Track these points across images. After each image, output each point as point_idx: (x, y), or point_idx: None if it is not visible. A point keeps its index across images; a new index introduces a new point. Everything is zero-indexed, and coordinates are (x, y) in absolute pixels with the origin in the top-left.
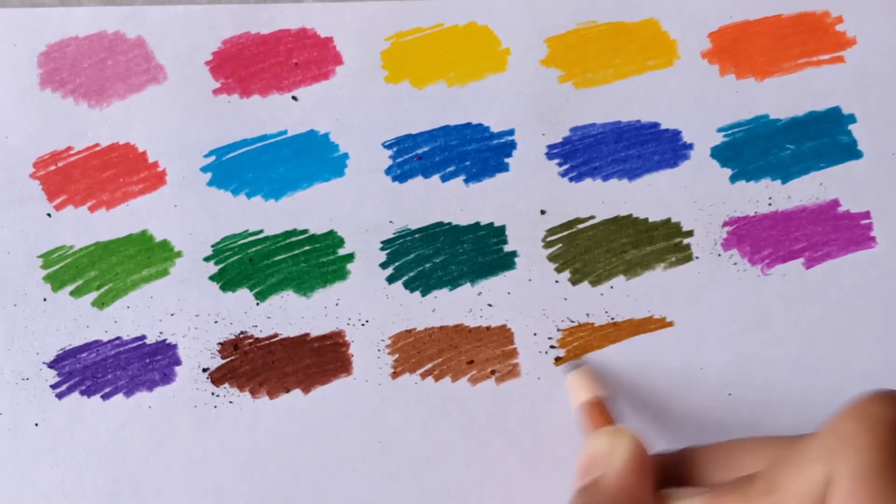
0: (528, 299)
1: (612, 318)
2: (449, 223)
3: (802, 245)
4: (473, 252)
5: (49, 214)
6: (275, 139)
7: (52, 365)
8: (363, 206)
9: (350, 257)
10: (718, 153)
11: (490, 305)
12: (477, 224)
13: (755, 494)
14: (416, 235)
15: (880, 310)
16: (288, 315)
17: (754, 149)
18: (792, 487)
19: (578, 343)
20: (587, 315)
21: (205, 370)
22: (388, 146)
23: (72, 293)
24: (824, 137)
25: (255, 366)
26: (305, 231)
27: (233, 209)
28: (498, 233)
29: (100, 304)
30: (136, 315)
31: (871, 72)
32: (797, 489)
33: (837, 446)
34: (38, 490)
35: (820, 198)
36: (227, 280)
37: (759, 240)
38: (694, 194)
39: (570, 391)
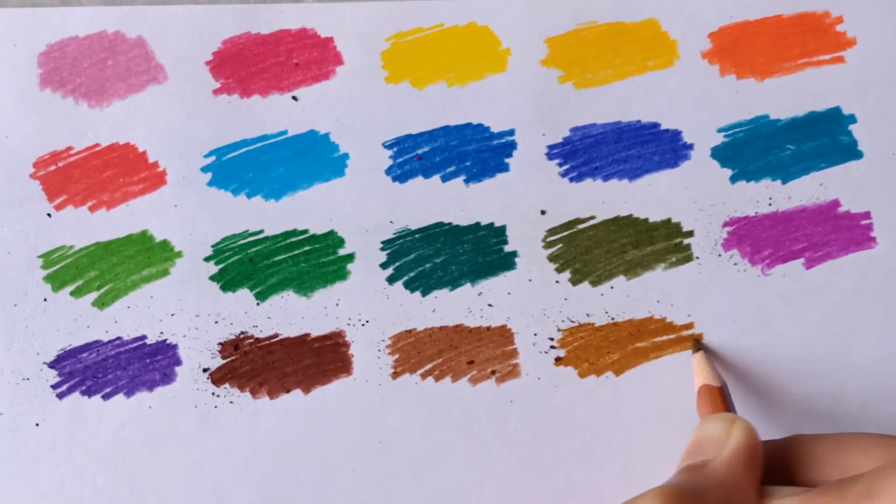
0: (529, 299)
1: (613, 319)
2: (449, 223)
3: (803, 245)
4: (474, 252)
5: (49, 214)
6: (275, 139)
7: (52, 365)
8: (363, 207)
9: (350, 257)
10: (719, 153)
11: (490, 305)
12: (477, 224)
13: (852, 498)
14: (417, 235)
15: (880, 310)
16: (288, 315)
17: (754, 149)
18: (891, 496)
19: (579, 343)
20: (587, 315)
21: (205, 370)
22: (388, 146)
23: (72, 293)
24: (824, 138)
25: (256, 366)
26: (306, 231)
27: (233, 209)
28: (498, 233)
29: (100, 304)
30: (136, 315)
31: (872, 72)
32: None
33: None
34: (38, 490)
35: (820, 198)
36: (227, 280)
37: (760, 240)
38: (694, 194)
39: (694, 371)
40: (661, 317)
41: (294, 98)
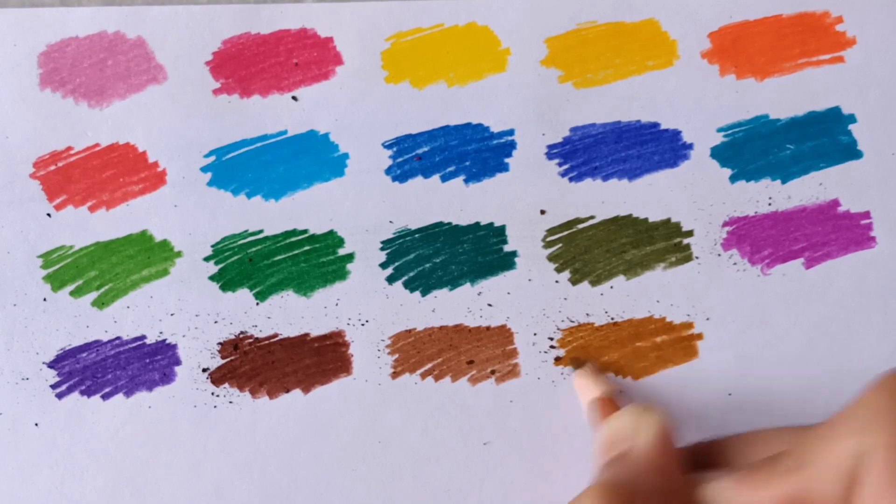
0: (528, 299)
1: (612, 318)
2: (449, 223)
3: (802, 245)
4: (473, 252)
5: (49, 214)
6: (275, 139)
7: (52, 365)
8: (363, 206)
9: (350, 257)
10: (718, 153)
11: (490, 305)
12: (477, 224)
13: (786, 471)
14: (416, 235)
15: (880, 309)
16: (288, 315)
17: (754, 149)
18: (823, 462)
19: (578, 343)
20: (587, 315)
21: (205, 370)
22: (387, 146)
23: (72, 293)
24: (824, 137)
25: (255, 366)
26: (305, 231)
27: (233, 209)
28: (498, 233)
29: (100, 303)
30: (135, 315)
31: (871, 72)
32: (829, 463)
33: (870, 420)
34: (38, 490)
35: (820, 198)
36: (226, 280)
37: (759, 240)
38: (694, 194)
39: (578, 389)
40: (661, 316)
41: (294, 98)
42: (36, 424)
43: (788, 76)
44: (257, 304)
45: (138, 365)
